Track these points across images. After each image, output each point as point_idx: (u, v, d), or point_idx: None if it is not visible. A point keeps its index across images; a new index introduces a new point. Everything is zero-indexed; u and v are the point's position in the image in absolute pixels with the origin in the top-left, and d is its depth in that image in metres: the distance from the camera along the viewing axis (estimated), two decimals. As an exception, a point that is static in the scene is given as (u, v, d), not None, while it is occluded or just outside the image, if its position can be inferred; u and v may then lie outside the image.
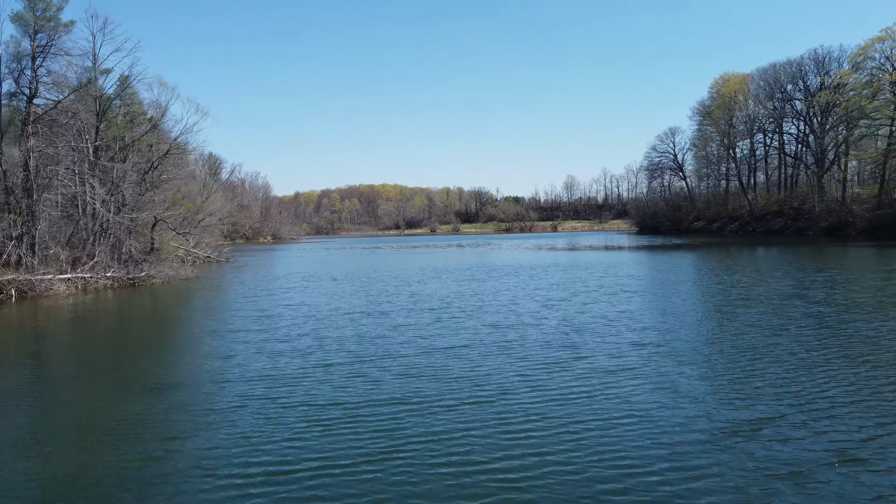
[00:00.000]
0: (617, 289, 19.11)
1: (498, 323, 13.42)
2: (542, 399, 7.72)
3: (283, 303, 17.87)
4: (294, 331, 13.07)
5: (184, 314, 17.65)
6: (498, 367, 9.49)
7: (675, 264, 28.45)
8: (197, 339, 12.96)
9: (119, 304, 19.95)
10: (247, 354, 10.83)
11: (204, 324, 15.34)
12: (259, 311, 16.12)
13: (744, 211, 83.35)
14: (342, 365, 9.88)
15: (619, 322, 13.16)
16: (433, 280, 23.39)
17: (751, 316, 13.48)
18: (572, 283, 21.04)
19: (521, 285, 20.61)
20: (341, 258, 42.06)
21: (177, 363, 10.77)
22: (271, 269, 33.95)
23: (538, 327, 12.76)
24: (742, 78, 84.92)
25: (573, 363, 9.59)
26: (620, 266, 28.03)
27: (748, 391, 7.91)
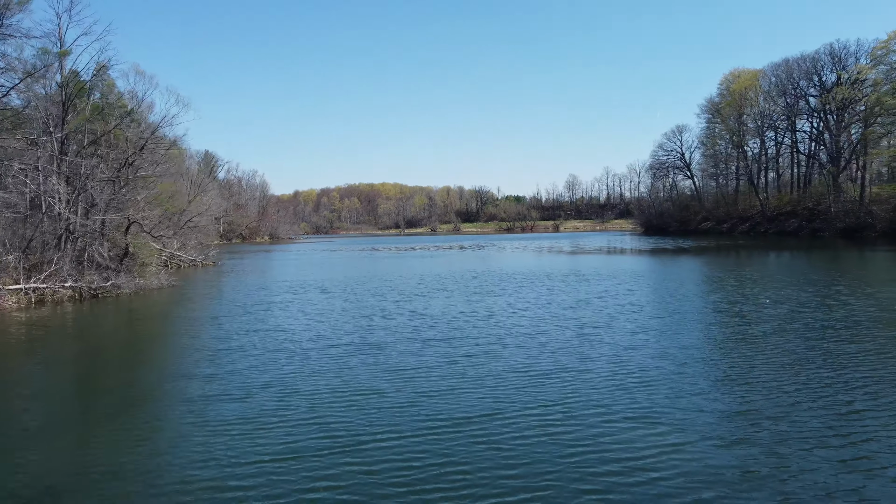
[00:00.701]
0: (661, 310, 15.69)
1: (528, 365, 10.00)
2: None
3: (256, 326, 14.45)
4: (252, 379, 9.61)
5: (128, 340, 14.24)
6: (541, 459, 6.09)
7: (710, 276, 25.05)
8: (125, 378, 9.56)
9: (70, 320, 16.55)
10: (178, 427, 7.40)
11: (143, 357, 11.97)
12: (221, 340, 12.71)
13: (755, 211, 79.94)
14: (309, 456, 6.41)
15: (689, 363, 9.74)
16: (437, 293, 19.98)
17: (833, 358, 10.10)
18: (601, 298, 17.63)
19: (542, 302, 17.19)
20: (336, 262, 38.66)
21: (81, 412, 7.36)
22: (258, 275, 30.53)
23: (585, 376, 9.33)
24: (753, 74, 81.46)
25: (664, 453, 6.16)
26: (646, 276, 24.63)
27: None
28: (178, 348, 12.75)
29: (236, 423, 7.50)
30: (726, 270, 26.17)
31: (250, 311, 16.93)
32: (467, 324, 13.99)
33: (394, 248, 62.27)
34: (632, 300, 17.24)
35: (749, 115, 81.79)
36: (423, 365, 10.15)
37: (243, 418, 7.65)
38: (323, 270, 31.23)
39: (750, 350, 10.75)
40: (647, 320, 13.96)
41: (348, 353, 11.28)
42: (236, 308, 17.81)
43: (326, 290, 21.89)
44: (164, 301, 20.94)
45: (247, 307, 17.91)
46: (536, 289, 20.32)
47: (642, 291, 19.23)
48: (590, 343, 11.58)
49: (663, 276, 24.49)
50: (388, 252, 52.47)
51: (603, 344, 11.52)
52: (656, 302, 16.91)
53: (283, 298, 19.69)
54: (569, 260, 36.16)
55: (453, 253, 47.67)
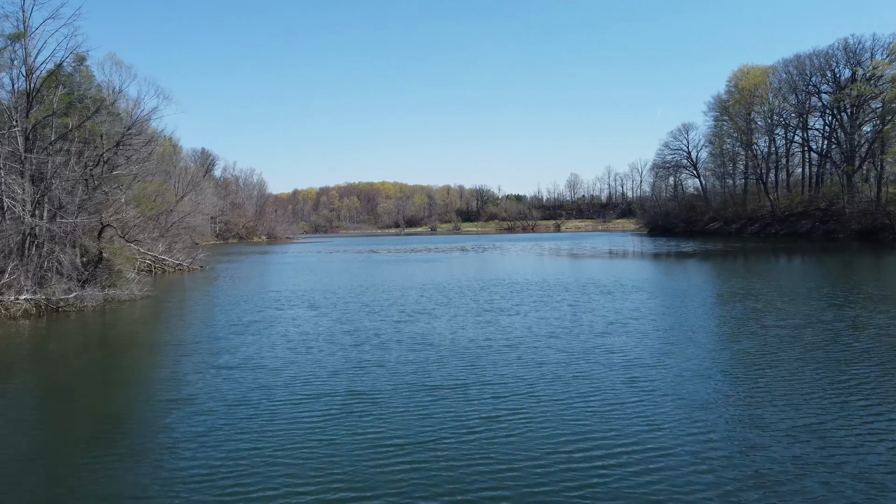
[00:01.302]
0: (711, 336, 12.88)
1: (573, 435, 7.18)
2: None
3: (222, 360, 11.62)
4: (201, 452, 6.79)
5: (61, 375, 11.39)
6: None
7: (749, 288, 22.22)
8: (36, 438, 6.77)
9: (14, 342, 13.71)
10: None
11: (69, 404, 9.13)
12: (171, 384, 9.88)
13: (765, 212, 77.10)
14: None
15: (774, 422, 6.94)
16: (442, 311, 17.16)
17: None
18: (637, 320, 14.82)
19: (568, 325, 14.38)
20: (331, 267, 35.84)
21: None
22: (244, 283, 27.69)
23: (645, 440, 6.51)
24: (763, 71, 78.54)
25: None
26: (674, 288, 21.81)
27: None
28: (116, 392, 9.92)
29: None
30: (765, 281, 23.38)
31: (221, 336, 14.10)
32: (483, 359, 11.17)
33: (393, 249, 59.40)
34: (673, 323, 14.44)
35: (759, 112, 78.95)
36: (428, 436, 7.31)
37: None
38: (315, 278, 28.39)
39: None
40: (703, 357, 11.13)
41: (328, 411, 8.42)
42: (207, 331, 14.98)
43: (316, 304, 19.05)
44: (129, 318, 18.10)
45: (219, 330, 15.08)
46: (556, 305, 17.51)
47: (681, 310, 16.42)
48: (651, 399, 8.70)
49: (691, 287, 21.68)
50: (386, 255, 49.63)
51: (665, 399, 8.66)
52: (705, 328, 14.09)
53: (265, 317, 16.87)
54: (581, 265, 33.37)
55: (455, 256, 44.84)
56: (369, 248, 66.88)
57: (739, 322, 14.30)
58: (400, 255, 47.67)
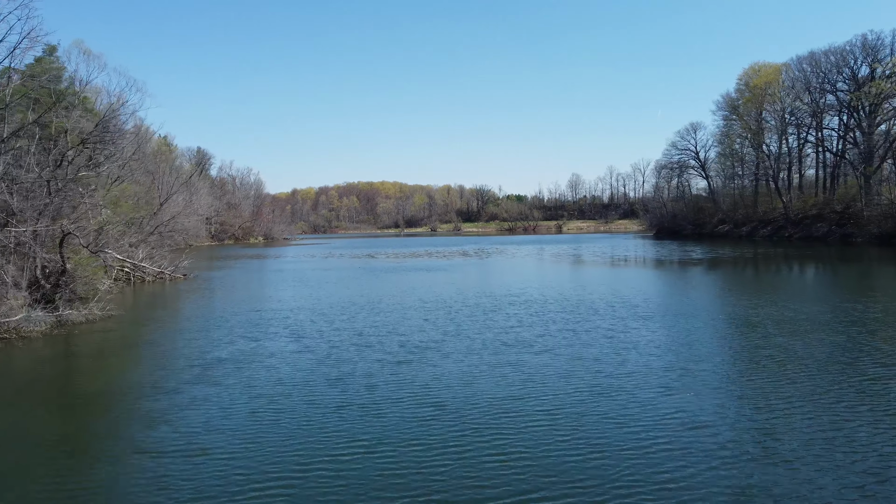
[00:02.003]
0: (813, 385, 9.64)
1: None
2: None
3: (157, 437, 8.37)
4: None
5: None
6: None
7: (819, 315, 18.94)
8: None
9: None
10: None
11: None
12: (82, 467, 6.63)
13: (777, 214, 73.93)
14: None
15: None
16: (452, 343, 13.86)
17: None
18: (697, 361, 11.58)
19: (613, 372, 11.09)
20: (325, 277, 32.55)
21: None
22: (224, 298, 24.40)
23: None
24: (775, 69, 75.32)
25: None
26: (722, 310, 18.55)
27: None
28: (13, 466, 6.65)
29: None
30: (828, 300, 20.15)
31: (170, 388, 10.79)
32: (510, 435, 7.90)
33: (392, 254, 56.12)
34: (754, 367, 11.19)
35: (770, 111, 75.73)
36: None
37: None
38: (305, 292, 25.07)
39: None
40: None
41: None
42: (157, 375, 11.69)
43: (300, 333, 15.74)
44: (77, 350, 14.79)
45: (173, 373, 11.80)
46: (589, 337, 14.23)
47: (755, 345, 13.17)
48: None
49: (741, 310, 18.40)
50: (385, 260, 46.36)
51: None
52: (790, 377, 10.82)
53: (235, 353, 13.56)
54: (598, 276, 30.12)
55: (458, 263, 41.58)
56: (368, 251, 63.57)
57: (843, 355, 11.05)
58: (399, 261, 44.40)
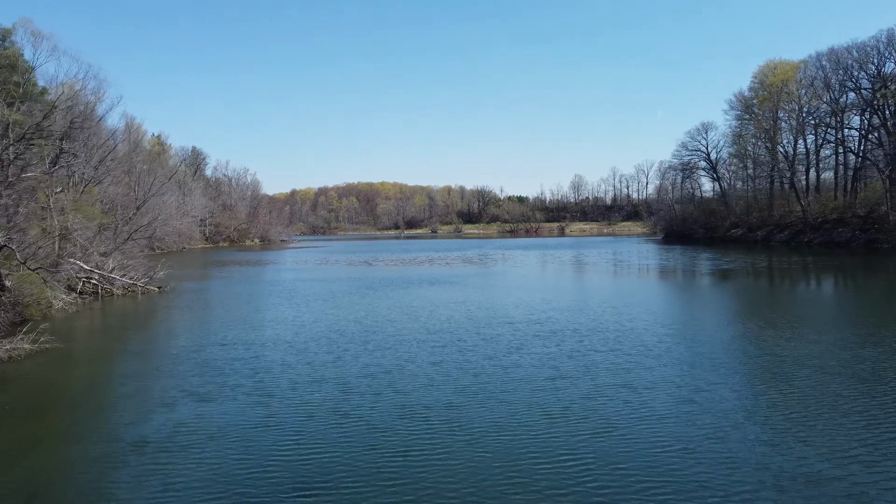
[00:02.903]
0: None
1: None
2: None
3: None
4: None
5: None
6: None
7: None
8: None
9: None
10: None
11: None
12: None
13: (794, 218, 69.90)
14: None
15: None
16: (476, 420, 9.90)
17: None
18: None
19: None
20: (315, 291, 28.62)
21: None
22: (193, 322, 20.46)
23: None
24: (792, 66, 71.33)
25: None
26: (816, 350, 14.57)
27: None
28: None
29: None
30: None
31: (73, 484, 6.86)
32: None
33: (391, 261, 52.17)
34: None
35: (787, 110, 71.78)
36: None
37: None
38: (288, 313, 21.08)
39: None
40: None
41: None
42: (47, 476, 7.74)
43: (269, 385, 11.73)
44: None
45: (77, 460, 7.87)
46: (669, 394, 10.29)
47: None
48: None
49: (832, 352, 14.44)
50: (383, 268, 42.43)
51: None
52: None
53: (176, 423, 9.58)
54: (629, 293, 26.23)
55: (463, 272, 37.64)
56: (365, 256, 59.64)
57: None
58: (399, 270, 40.47)
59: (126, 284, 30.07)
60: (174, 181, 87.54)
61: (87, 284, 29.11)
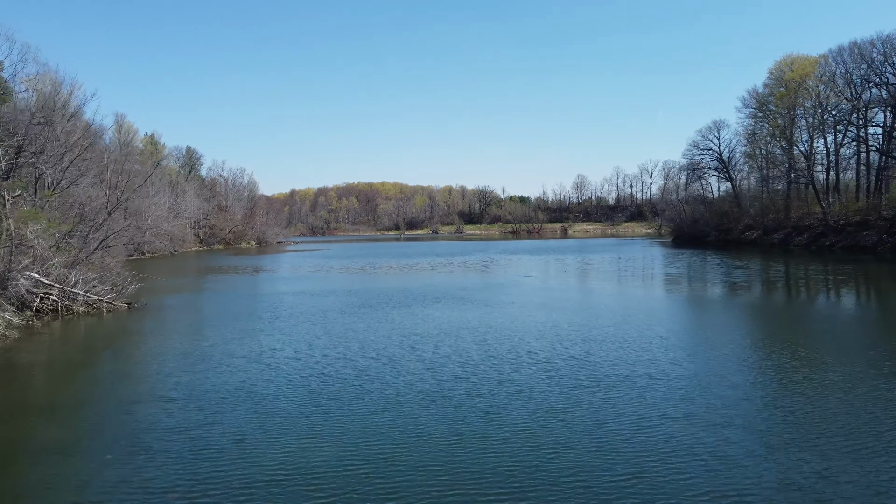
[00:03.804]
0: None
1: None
2: None
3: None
4: None
5: None
6: None
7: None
8: None
9: None
10: None
11: None
12: None
13: (814, 220, 66.03)
14: None
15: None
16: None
17: None
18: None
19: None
20: (304, 307, 24.84)
21: None
22: (147, 354, 16.65)
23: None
24: (811, 61, 67.47)
25: None
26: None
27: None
28: None
29: None
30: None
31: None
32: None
33: (391, 268, 48.37)
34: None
35: (805, 107, 67.89)
36: None
37: None
38: (266, 346, 17.20)
39: None
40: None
41: None
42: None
43: (213, 485, 7.98)
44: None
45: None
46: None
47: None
48: None
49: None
50: (381, 277, 38.62)
51: None
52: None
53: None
54: (663, 306, 22.47)
55: (469, 282, 33.84)
56: (364, 261, 55.79)
57: None
58: (399, 281, 36.65)
59: (90, 300, 26.20)
60: (166, 182, 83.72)
61: (45, 301, 25.30)
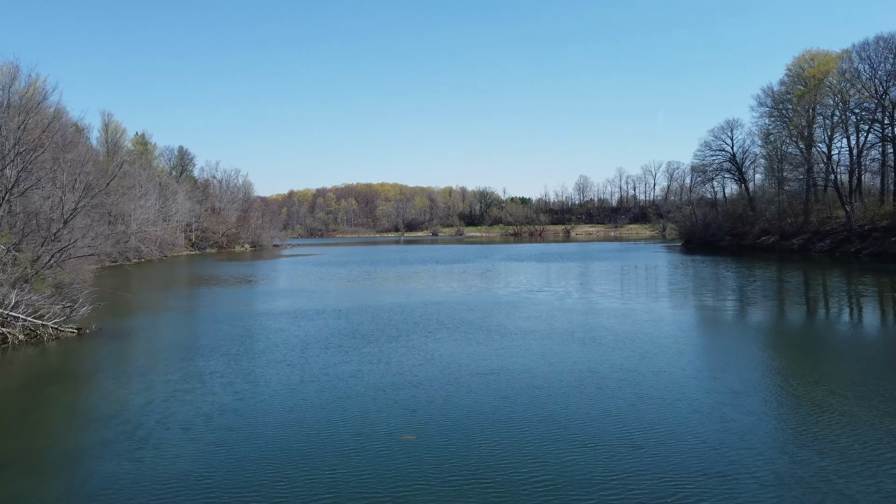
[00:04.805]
0: None
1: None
2: None
3: None
4: None
5: None
6: None
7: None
8: None
9: None
10: None
11: None
12: None
13: (836, 225, 61.73)
14: None
15: None
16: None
17: None
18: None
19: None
20: (284, 330, 20.62)
21: None
22: (84, 402, 12.40)
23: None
24: (833, 57, 63.20)
25: None
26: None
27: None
28: None
29: None
30: None
31: None
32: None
33: (387, 278, 44.06)
34: None
35: (827, 105, 63.65)
36: None
37: None
38: (221, 402, 12.95)
39: None
40: None
41: None
42: None
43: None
44: None
45: None
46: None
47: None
48: None
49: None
50: (377, 291, 34.32)
51: None
52: None
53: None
54: (718, 338, 18.23)
55: (477, 300, 29.59)
56: (360, 268, 51.51)
57: None
58: (397, 298, 32.39)
59: (31, 326, 21.83)
60: (155, 184, 79.37)
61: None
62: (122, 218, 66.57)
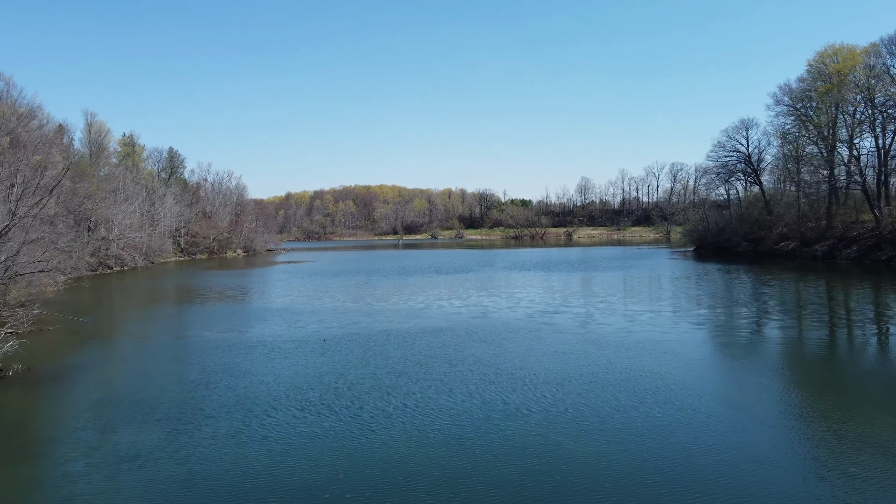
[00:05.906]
0: None
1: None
2: None
3: None
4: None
5: None
6: None
7: None
8: None
9: None
10: None
11: None
12: None
13: (863, 230, 57.31)
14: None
15: None
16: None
17: None
18: None
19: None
20: (257, 365, 16.26)
21: None
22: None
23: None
24: (857, 53, 58.85)
25: None
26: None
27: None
28: None
29: None
30: None
31: None
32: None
33: (383, 295, 39.57)
34: None
35: (851, 102, 59.30)
36: None
37: None
38: (164, 484, 8.62)
39: None
40: None
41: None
42: None
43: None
44: None
45: None
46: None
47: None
48: None
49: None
50: (374, 305, 29.85)
51: None
52: None
53: None
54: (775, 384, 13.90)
55: (487, 319, 25.20)
56: (355, 278, 47.06)
57: None
58: (393, 314, 27.91)
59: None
60: (141, 187, 74.72)
61: None
62: (103, 223, 61.83)
